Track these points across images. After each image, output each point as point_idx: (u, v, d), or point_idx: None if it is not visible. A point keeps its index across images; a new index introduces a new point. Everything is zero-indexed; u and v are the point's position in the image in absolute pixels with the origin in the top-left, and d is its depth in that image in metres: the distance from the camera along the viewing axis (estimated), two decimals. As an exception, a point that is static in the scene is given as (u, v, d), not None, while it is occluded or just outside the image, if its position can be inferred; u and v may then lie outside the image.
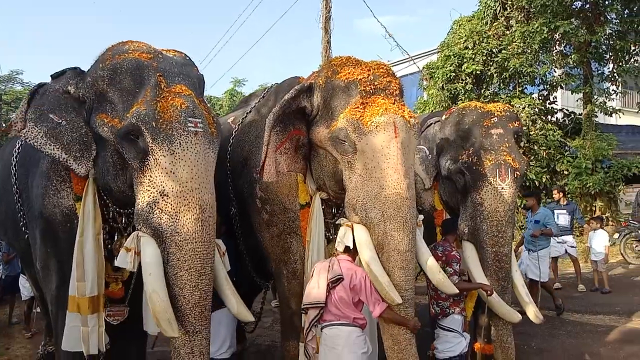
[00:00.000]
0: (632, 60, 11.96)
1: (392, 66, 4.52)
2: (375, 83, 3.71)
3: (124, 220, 3.77)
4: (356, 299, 3.51)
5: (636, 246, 9.87)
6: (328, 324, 3.51)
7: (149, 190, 3.21)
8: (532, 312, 4.62)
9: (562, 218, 8.44)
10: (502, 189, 4.47)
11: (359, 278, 3.49)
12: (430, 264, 3.90)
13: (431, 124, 5.26)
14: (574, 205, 9.10)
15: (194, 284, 3.18)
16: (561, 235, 8.40)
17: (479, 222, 4.53)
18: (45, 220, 3.75)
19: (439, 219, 5.02)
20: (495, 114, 4.76)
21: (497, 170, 4.48)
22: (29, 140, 3.47)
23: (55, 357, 4.06)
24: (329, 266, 3.57)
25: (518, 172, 4.54)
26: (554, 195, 9.00)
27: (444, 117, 5.12)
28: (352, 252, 3.63)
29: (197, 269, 3.19)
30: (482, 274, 4.48)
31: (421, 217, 4.06)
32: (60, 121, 3.50)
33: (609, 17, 11.59)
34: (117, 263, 3.36)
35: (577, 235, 11.36)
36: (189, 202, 3.17)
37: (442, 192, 5.07)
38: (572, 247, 8.48)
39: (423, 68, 14.31)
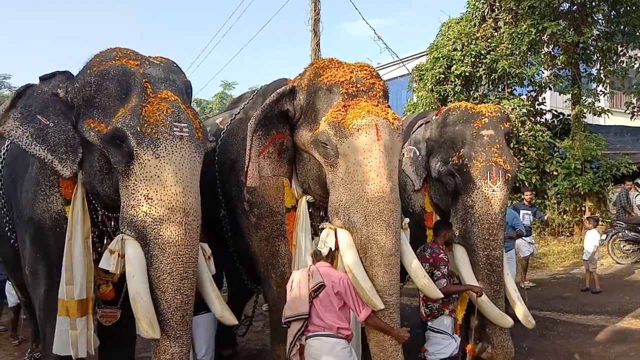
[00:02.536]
0: (619, 61, 12.04)
1: (382, 68, 4.50)
2: (358, 85, 3.66)
3: (112, 224, 3.74)
4: (341, 304, 3.41)
5: (624, 246, 9.92)
6: (312, 335, 3.39)
7: (133, 194, 3.23)
8: (524, 315, 4.59)
9: (527, 218, 8.57)
10: (493, 191, 4.41)
11: (342, 282, 3.40)
12: (415, 268, 3.81)
13: (421, 124, 5.16)
14: (534, 206, 9.32)
15: (175, 288, 3.20)
16: (528, 235, 8.51)
17: (470, 225, 4.49)
18: (35, 225, 3.72)
19: (429, 221, 4.94)
20: (486, 115, 4.68)
21: (488, 172, 4.42)
22: (13, 140, 3.45)
23: (43, 363, 4.01)
24: (309, 275, 3.45)
25: (509, 174, 4.48)
26: (525, 197, 9.03)
27: (433, 117, 5.04)
28: (330, 258, 3.57)
29: (180, 272, 3.21)
30: (472, 276, 4.44)
31: (407, 220, 3.97)
32: (48, 123, 3.49)
33: (595, 18, 11.64)
34: (100, 265, 3.39)
35: (568, 235, 11.52)
36: (173, 206, 3.19)
37: (432, 194, 4.98)
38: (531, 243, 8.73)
39: (412, 70, 14.29)
